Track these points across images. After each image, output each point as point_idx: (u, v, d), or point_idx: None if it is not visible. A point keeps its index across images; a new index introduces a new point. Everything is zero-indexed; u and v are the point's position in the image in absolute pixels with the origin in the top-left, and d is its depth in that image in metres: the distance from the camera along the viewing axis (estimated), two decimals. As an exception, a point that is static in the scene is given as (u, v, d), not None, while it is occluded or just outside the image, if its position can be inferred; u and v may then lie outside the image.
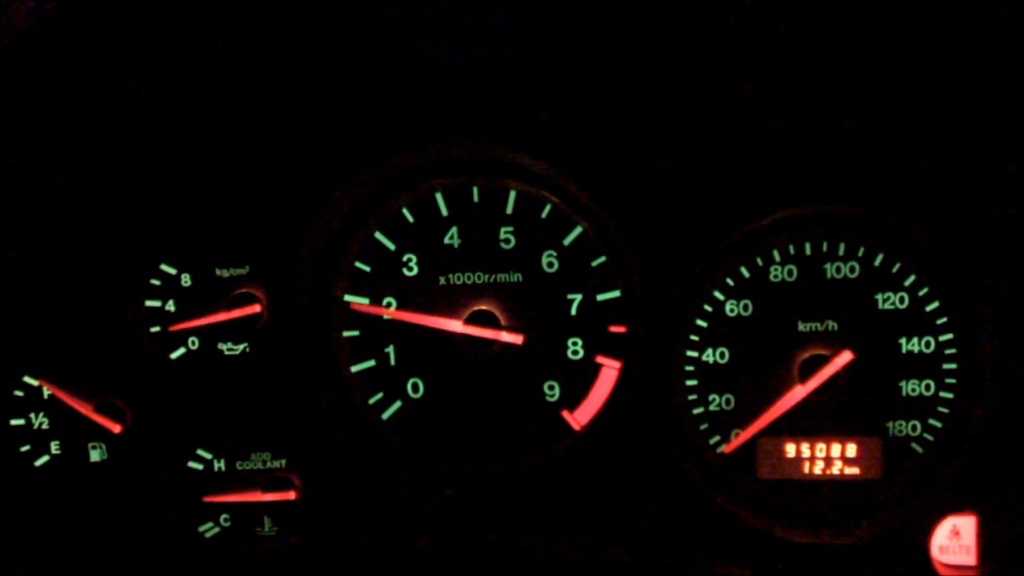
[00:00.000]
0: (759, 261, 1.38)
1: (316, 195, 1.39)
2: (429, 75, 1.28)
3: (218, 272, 1.45)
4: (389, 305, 1.47)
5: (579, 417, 1.48)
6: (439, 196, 1.44)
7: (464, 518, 1.48)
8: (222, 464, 1.50)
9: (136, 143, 1.37)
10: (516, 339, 1.43)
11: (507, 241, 1.44)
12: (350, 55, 1.25)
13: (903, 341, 1.37)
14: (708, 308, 1.40)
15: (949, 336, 1.36)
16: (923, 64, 1.19)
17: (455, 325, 1.44)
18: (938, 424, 1.38)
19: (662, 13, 1.17)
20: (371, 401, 1.51)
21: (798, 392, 1.38)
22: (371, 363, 1.50)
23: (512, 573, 1.44)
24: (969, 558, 1.35)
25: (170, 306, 1.46)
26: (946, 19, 1.13)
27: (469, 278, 1.45)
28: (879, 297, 1.36)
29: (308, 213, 1.40)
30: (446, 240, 1.44)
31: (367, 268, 1.47)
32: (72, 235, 1.43)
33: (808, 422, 1.40)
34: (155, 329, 1.47)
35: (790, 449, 1.42)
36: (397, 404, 1.51)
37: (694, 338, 1.41)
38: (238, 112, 1.34)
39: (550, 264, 1.43)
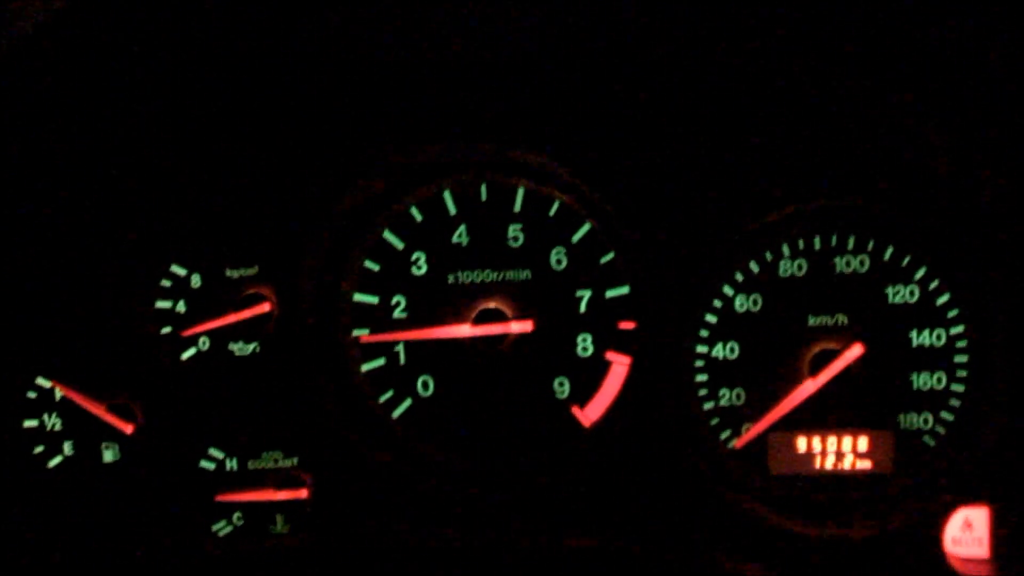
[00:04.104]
0: (768, 256, 1.38)
1: (324, 195, 1.39)
2: (438, 74, 1.28)
3: (228, 273, 1.46)
4: (397, 305, 1.47)
5: (589, 413, 1.48)
6: (447, 195, 1.44)
7: (475, 515, 1.48)
8: (234, 463, 1.51)
9: (145, 145, 1.37)
10: (526, 326, 1.43)
11: (516, 239, 1.44)
12: (359, 54, 1.25)
13: (914, 334, 1.37)
14: (717, 303, 1.40)
15: (960, 329, 1.36)
16: (930, 57, 1.19)
17: (463, 330, 1.44)
18: (950, 417, 1.38)
19: (670, 11, 1.17)
20: (381, 400, 1.51)
21: (809, 386, 1.38)
22: (381, 362, 1.50)
23: (523, 570, 1.45)
24: (982, 550, 1.35)
25: (180, 307, 1.47)
26: (955, 12, 1.12)
27: (478, 276, 1.45)
28: (889, 291, 1.36)
29: (317, 213, 1.40)
30: (455, 238, 1.45)
31: (376, 267, 1.47)
32: (82, 237, 1.44)
33: (819, 416, 1.40)
34: (166, 330, 1.47)
35: (801, 443, 1.42)
36: (407, 402, 1.51)
37: (704, 333, 1.41)
38: (247, 112, 1.35)
39: (559, 261, 1.43)
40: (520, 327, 1.44)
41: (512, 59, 1.25)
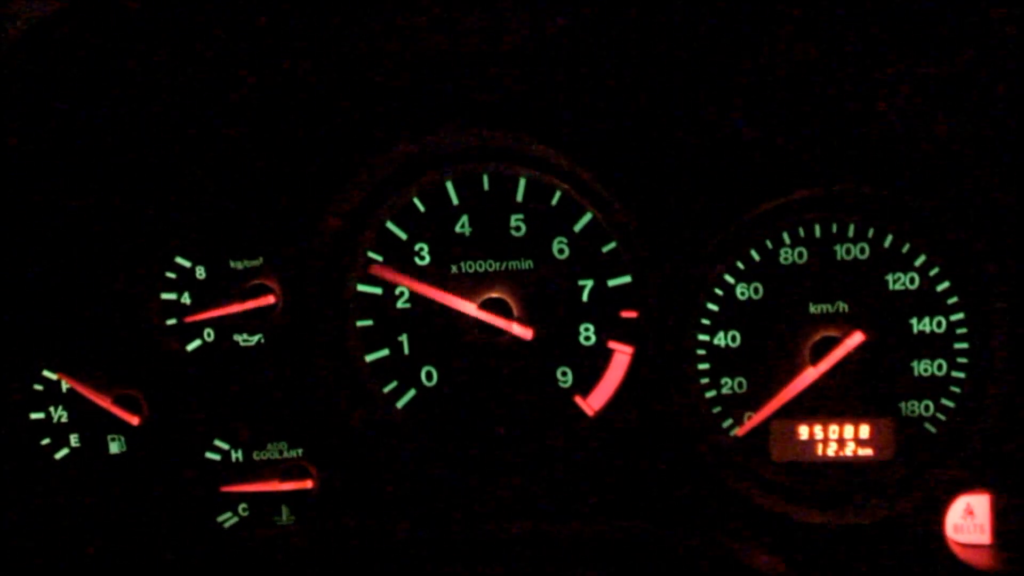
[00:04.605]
0: (769, 244, 1.38)
1: (328, 187, 1.40)
2: (439, 64, 1.29)
3: (232, 264, 1.46)
4: (401, 295, 1.48)
5: (592, 402, 1.48)
6: (449, 185, 1.45)
7: (479, 505, 1.49)
8: (239, 454, 1.51)
9: (150, 137, 1.38)
10: (526, 333, 1.44)
11: (518, 229, 1.44)
12: (362, 45, 1.26)
13: (914, 321, 1.37)
14: (719, 292, 1.41)
15: (960, 316, 1.36)
16: (931, 43, 1.19)
17: (469, 307, 1.45)
18: (950, 404, 1.38)
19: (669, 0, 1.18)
20: (385, 390, 1.52)
21: (810, 374, 1.38)
22: (385, 352, 1.51)
23: (528, 558, 1.45)
24: (983, 536, 1.35)
25: (186, 299, 1.48)
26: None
27: (481, 266, 1.46)
28: (890, 278, 1.37)
29: (320, 204, 1.41)
30: (457, 229, 1.45)
31: (379, 258, 1.48)
32: (88, 230, 1.45)
33: (820, 404, 1.40)
34: (171, 321, 1.48)
35: (803, 431, 1.42)
36: (411, 392, 1.52)
37: (705, 322, 1.42)
38: (251, 104, 1.35)
39: (561, 251, 1.44)
40: (520, 332, 1.44)
41: (513, 48, 1.26)
